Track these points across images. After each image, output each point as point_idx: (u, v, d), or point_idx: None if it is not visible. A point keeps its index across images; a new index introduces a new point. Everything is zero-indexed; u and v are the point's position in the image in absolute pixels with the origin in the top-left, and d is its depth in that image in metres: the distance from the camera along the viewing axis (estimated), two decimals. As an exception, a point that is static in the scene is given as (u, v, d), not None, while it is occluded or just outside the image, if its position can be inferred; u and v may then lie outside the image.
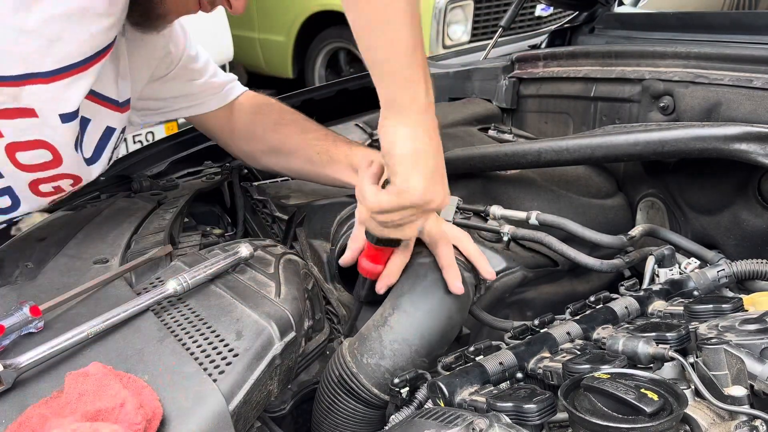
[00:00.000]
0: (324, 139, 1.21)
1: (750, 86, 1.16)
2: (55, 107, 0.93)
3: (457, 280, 0.94)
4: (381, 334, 0.90)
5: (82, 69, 0.91)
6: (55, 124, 0.94)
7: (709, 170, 1.21)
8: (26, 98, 0.90)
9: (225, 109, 1.27)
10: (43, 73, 0.88)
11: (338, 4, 5.61)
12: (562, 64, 1.56)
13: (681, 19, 1.60)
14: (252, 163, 1.33)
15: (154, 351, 0.74)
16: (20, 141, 0.94)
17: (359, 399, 0.88)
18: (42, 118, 0.93)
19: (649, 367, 0.73)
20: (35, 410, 0.64)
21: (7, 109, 0.90)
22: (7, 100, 0.89)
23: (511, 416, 0.66)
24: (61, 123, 0.95)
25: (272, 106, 1.30)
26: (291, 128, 1.24)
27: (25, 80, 0.88)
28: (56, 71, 0.89)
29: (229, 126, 1.28)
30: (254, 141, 1.27)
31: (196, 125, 1.34)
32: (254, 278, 0.91)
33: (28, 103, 0.91)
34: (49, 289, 0.89)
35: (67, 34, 0.86)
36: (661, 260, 1.07)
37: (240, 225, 1.40)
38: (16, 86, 0.88)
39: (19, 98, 0.90)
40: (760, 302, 0.88)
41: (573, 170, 1.37)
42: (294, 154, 1.23)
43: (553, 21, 4.52)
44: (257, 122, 1.27)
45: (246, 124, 1.27)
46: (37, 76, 0.88)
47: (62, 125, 0.95)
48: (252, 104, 1.30)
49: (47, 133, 0.95)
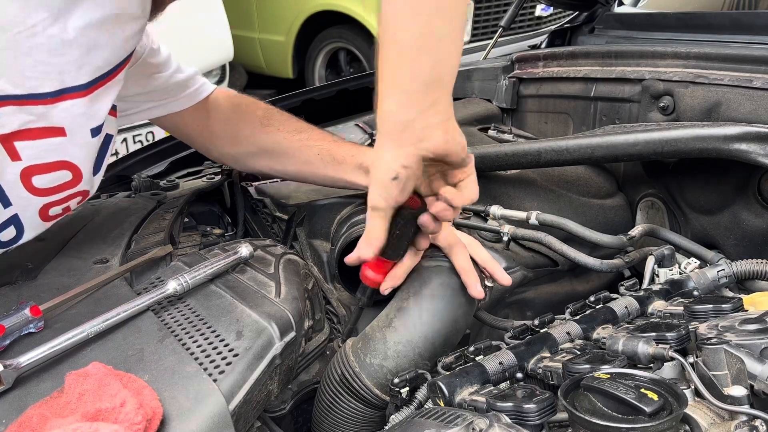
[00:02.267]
0: (323, 139, 1.16)
1: (750, 86, 1.16)
2: (85, 122, 0.87)
3: (478, 283, 0.93)
4: (385, 335, 0.90)
5: (111, 77, 0.87)
6: (83, 141, 0.88)
7: (709, 170, 1.21)
8: (56, 116, 0.83)
9: (200, 109, 1.19)
10: (79, 86, 0.83)
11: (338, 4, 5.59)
12: (562, 64, 1.56)
13: (681, 19, 1.60)
14: (239, 166, 1.26)
15: (154, 351, 0.74)
16: (40, 164, 0.86)
17: (360, 399, 0.88)
18: (70, 136, 0.86)
19: (649, 367, 0.73)
20: (35, 410, 0.64)
21: (30, 129, 0.83)
22: (32, 119, 0.82)
23: (511, 416, 0.66)
24: (90, 138, 0.89)
25: (256, 104, 1.23)
26: (282, 128, 1.18)
27: (59, 96, 0.82)
28: (90, 83, 0.84)
29: (207, 128, 1.20)
30: (240, 143, 1.19)
31: (171, 131, 1.25)
32: (254, 278, 0.91)
33: (58, 120, 0.84)
34: (49, 289, 0.89)
35: (103, 40, 0.82)
36: (661, 260, 1.07)
37: (240, 225, 1.39)
38: (48, 104, 0.82)
39: (47, 116, 0.83)
40: (760, 302, 0.88)
41: (573, 170, 1.37)
42: (288, 155, 1.17)
43: (553, 21, 4.52)
44: (241, 122, 1.19)
45: (227, 124, 1.19)
46: (72, 90, 0.82)
47: (91, 140, 0.89)
48: (232, 103, 1.21)
49: (72, 151, 0.88)
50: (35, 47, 0.77)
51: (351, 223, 1.10)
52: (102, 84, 0.86)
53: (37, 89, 0.80)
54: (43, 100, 0.81)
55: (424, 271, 0.96)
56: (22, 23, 0.75)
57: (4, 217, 0.90)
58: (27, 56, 0.77)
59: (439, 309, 0.92)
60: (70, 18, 0.77)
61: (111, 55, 0.85)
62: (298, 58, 5.27)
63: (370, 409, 0.88)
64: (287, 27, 5.12)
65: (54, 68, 0.80)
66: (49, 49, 0.78)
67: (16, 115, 0.81)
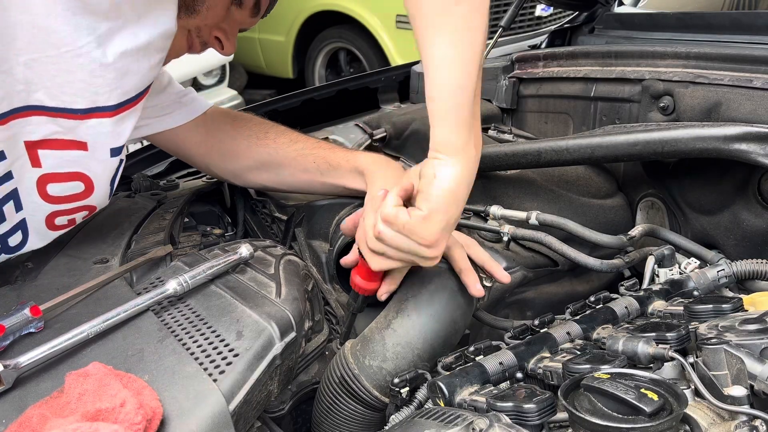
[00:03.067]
0: (317, 147, 1.17)
1: (750, 86, 1.16)
2: (108, 141, 0.93)
3: (477, 282, 0.94)
4: (384, 337, 0.89)
5: (135, 103, 0.93)
6: (103, 158, 0.94)
7: (709, 170, 1.21)
8: (83, 131, 0.89)
9: (197, 126, 1.20)
10: (108, 107, 0.89)
11: (338, 4, 5.58)
12: (562, 64, 1.56)
13: (681, 19, 1.60)
14: (239, 182, 1.27)
15: (154, 351, 0.74)
16: (57, 172, 0.93)
17: (360, 400, 0.88)
18: (91, 152, 0.92)
19: (649, 367, 0.73)
20: (35, 410, 0.64)
21: (57, 139, 0.89)
22: (60, 131, 0.88)
23: (511, 416, 0.66)
24: (110, 157, 0.95)
25: (252, 119, 1.24)
26: (279, 140, 1.19)
27: (89, 114, 0.88)
28: (118, 105, 0.90)
29: (205, 145, 1.21)
30: (238, 158, 1.21)
31: (171, 151, 1.27)
32: (254, 278, 0.91)
33: (83, 136, 0.90)
34: (49, 289, 0.89)
35: (134, 67, 0.88)
36: (661, 260, 1.07)
37: (240, 225, 1.39)
38: (78, 119, 0.88)
39: (75, 131, 0.89)
40: (760, 302, 0.88)
41: (573, 170, 1.37)
42: (285, 166, 1.18)
43: (553, 21, 4.52)
44: (238, 137, 1.20)
45: (224, 140, 1.21)
46: (102, 110, 0.89)
47: (110, 159, 0.95)
48: (228, 119, 1.23)
49: (91, 165, 0.94)
50: (78, 67, 0.83)
51: (351, 223, 1.10)
52: (128, 108, 0.92)
53: (71, 105, 0.86)
54: (74, 115, 0.87)
55: (422, 273, 0.96)
56: (71, 44, 0.81)
57: (14, 221, 0.95)
58: (69, 74, 0.83)
59: (438, 310, 0.92)
60: (110, 44, 0.84)
61: (138, 82, 0.91)
62: (298, 58, 5.27)
63: (370, 411, 0.88)
64: (287, 27, 5.12)
65: (90, 88, 0.86)
66: (90, 71, 0.84)
67: (46, 126, 0.87)
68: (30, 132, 0.87)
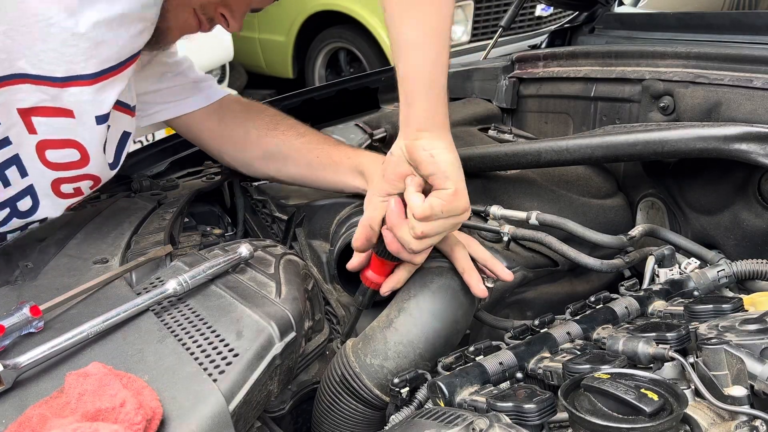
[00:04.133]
0: (323, 142, 1.19)
1: (750, 86, 1.16)
2: (91, 109, 0.97)
3: (480, 282, 0.94)
4: (386, 336, 0.89)
5: (117, 72, 0.96)
6: (90, 125, 0.98)
7: (709, 170, 1.21)
8: (66, 99, 0.94)
9: (212, 113, 1.24)
10: (86, 75, 0.93)
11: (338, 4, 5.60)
12: (562, 64, 1.56)
13: (681, 19, 1.60)
14: (249, 171, 1.29)
15: (154, 351, 0.74)
16: (52, 139, 0.98)
17: (360, 399, 0.88)
18: (78, 119, 0.97)
19: (649, 367, 0.73)
20: (35, 410, 0.64)
21: (45, 107, 0.95)
22: (46, 98, 0.94)
23: (511, 416, 0.66)
24: (96, 125, 0.99)
25: (264, 109, 1.27)
26: (288, 132, 1.22)
27: (68, 82, 0.93)
28: (97, 74, 0.94)
29: (219, 131, 1.25)
30: (249, 146, 1.24)
31: (186, 135, 1.30)
32: (254, 278, 0.91)
33: (68, 103, 0.95)
34: (49, 289, 0.89)
35: (110, 37, 0.92)
36: (661, 260, 1.07)
37: (240, 225, 1.39)
38: (59, 87, 0.93)
39: (59, 98, 0.94)
40: (760, 302, 0.88)
41: (573, 170, 1.37)
42: (291, 159, 1.20)
43: (553, 21, 4.52)
44: (250, 127, 1.23)
45: (238, 128, 1.24)
46: (80, 78, 0.93)
47: (96, 127, 0.99)
48: (242, 107, 1.26)
49: (80, 133, 0.99)
50: (50, 36, 0.88)
51: (350, 223, 1.10)
52: (108, 77, 0.96)
53: (50, 73, 0.92)
54: (55, 83, 0.93)
55: (424, 272, 0.96)
56: (42, 14, 0.87)
57: (21, 186, 1.03)
58: (44, 42, 0.89)
59: (440, 310, 0.92)
60: (83, 14, 0.88)
61: (118, 50, 0.95)
62: (298, 58, 5.27)
63: (370, 410, 0.88)
64: (287, 27, 5.12)
65: (64, 57, 0.91)
66: (62, 39, 0.89)
67: (34, 93, 0.93)
68: (21, 100, 0.93)
